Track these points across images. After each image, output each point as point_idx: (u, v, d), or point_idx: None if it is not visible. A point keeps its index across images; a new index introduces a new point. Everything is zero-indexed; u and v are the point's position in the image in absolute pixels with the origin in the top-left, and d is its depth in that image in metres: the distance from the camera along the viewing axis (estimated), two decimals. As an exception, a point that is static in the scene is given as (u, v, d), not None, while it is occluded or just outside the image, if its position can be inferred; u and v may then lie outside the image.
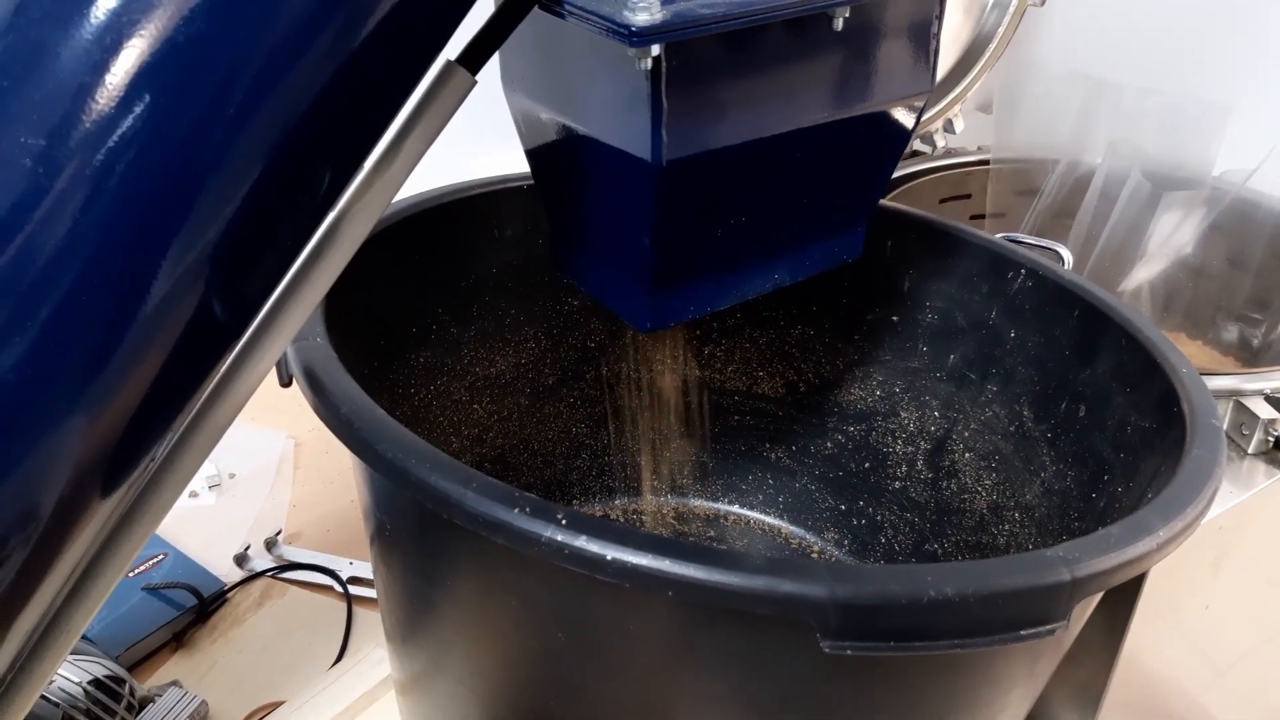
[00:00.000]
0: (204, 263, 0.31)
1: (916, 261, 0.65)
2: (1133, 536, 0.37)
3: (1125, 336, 0.54)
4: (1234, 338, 0.80)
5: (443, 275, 0.64)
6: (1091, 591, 0.36)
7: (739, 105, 0.43)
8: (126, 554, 0.37)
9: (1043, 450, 0.59)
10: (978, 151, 0.96)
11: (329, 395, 0.41)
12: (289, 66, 0.31)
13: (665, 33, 0.37)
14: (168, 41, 0.28)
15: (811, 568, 0.33)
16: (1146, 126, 0.81)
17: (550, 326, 0.70)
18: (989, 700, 0.42)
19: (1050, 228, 0.87)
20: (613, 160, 0.44)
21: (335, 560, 0.75)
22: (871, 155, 0.52)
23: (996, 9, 0.93)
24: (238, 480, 0.84)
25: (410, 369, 0.63)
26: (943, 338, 0.65)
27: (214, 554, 0.75)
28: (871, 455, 0.71)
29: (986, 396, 0.63)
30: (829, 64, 0.45)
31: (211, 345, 0.34)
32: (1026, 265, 0.60)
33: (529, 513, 0.34)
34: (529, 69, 0.48)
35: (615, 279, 0.50)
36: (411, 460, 0.37)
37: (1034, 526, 0.59)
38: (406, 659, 0.53)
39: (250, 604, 0.72)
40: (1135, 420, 0.52)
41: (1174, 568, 0.59)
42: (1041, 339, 0.60)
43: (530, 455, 0.73)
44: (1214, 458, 0.43)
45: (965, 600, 0.33)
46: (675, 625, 0.38)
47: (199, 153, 0.30)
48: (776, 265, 0.52)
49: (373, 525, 0.48)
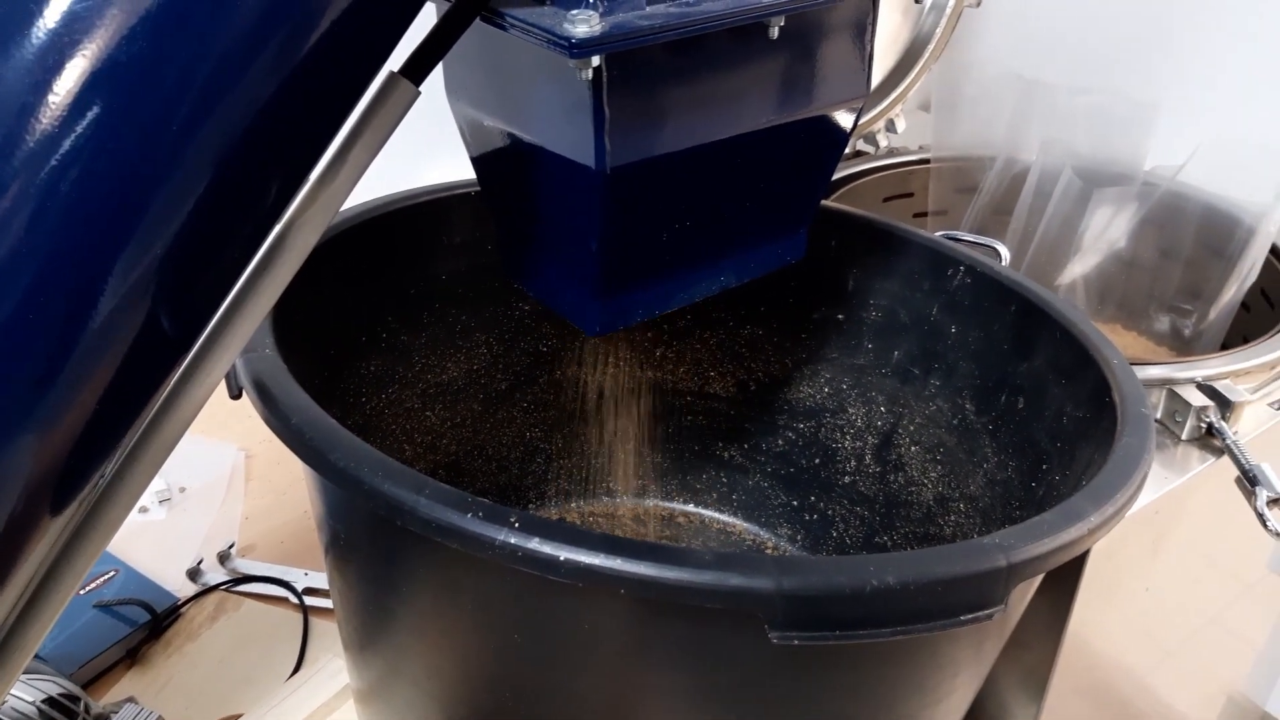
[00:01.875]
0: (151, 277, 0.32)
1: (860, 261, 0.67)
2: (1065, 522, 0.39)
3: (1060, 330, 0.56)
4: (1166, 328, 0.83)
5: (392, 283, 0.64)
6: (1027, 576, 0.37)
7: (680, 112, 0.44)
8: (78, 571, 0.36)
9: (985, 442, 0.61)
10: (919, 151, 0.98)
11: (279, 406, 0.42)
12: (233, 82, 0.31)
13: (605, 44, 0.38)
14: (110, 60, 0.29)
15: (758, 561, 0.34)
16: (1078, 125, 0.83)
17: (502, 332, 0.70)
18: (936, 684, 0.43)
19: (990, 224, 0.89)
20: (558, 168, 0.45)
21: (290, 572, 0.75)
22: (811, 158, 0.53)
23: (934, 10, 0.95)
24: (188, 494, 0.83)
25: (361, 378, 0.63)
26: (887, 335, 0.67)
27: (166, 569, 0.75)
28: (821, 451, 0.72)
29: (930, 391, 0.65)
30: (766, 71, 0.47)
31: (160, 359, 0.34)
32: (965, 262, 0.62)
33: (482, 517, 0.35)
34: (473, 79, 0.49)
35: (563, 284, 0.51)
36: (364, 469, 0.38)
37: (978, 516, 0.61)
38: (365, 667, 0.53)
39: (204, 618, 0.71)
40: (1070, 411, 0.54)
41: (1114, 551, 0.61)
42: (981, 334, 0.61)
43: (484, 461, 0.73)
44: (1143, 445, 0.45)
45: (907, 588, 0.34)
46: (629, 622, 0.39)
47: (144, 169, 0.30)
48: (722, 268, 0.53)
49: (327, 535, 0.49)
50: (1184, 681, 0.85)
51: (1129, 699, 0.78)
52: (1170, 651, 0.79)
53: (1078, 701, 0.70)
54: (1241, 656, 0.94)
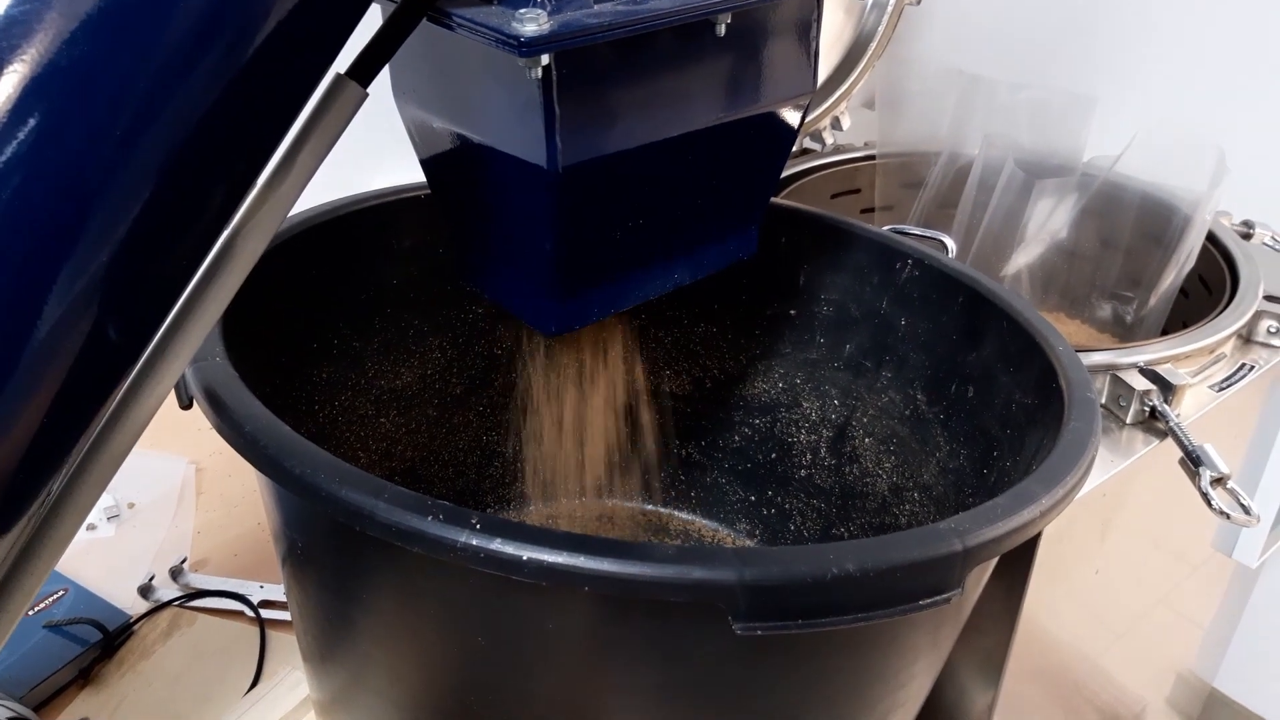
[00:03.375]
0: (96, 287, 0.31)
1: (810, 256, 0.67)
2: (1017, 506, 0.39)
3: (1007, 320, 0.57)
4: (1108, 315, 0.85)
5: (341, 289, 0.63)
6: (983, 559, 0.38)
7: (631, 110, 0.44)
8: (28, 590, 0.36)
9: (937, 431, 0.62)
10: (865, 147, 0.99)
11: (232, 415, 0.41)
12: (177, 87, 0.31)
13: (553, 42, 0.38)
14: (50, 66, 0.28)
15: (720, 554, 0.34)
16: (1019, 119, 0.85)
17: (455, 335, 0.70)
18: (896, 670, 0.44)
19: (936, 218, 0.90)
20: (510, 168, 0.45)
21: (245, 585, 0.74)
22: (761, 155, 0.53)
23: (876, 9, 0.96)
24: (138, 509, 0.81)
25: (313, 386, 0.62)
26: (838, 328, 0.68)
27: (117, 586, 0.73)
28: (777, 446, 0.73)
29: (882, 383, 0.66)
30: (715, 69, 0.47)
31: (108, 370, 0.34)
32: (913, 255, 0.63)
33: (443, 519, 0.35)
34: (421, 80, 0.49)
35: (519, 285, 0.51)
36: (321, 475, 0.37)
37: (933, 504, 0.62)
38: (326, 677, 0.52)
39: (158, 635, 0.70)
40: (1019, 398, 0.55)
41: (1063, 535, 0.63)
42: (930, 325, 0.62)
43: (441, 467, 0.73)
44: (1089, 429, 0.46)
45: (866, 575, 0.35)
46: (593, 619, 0.39)
47: (87, 178, 0.30)
48: (676, 265, 0.54)
49: (284, 545, 0.48)
50: (1134, 661, 0.87)
51: (1082, 681, 0.80)
52: (1120, 633, 0.80)
53: (1033, 684, 0.71)
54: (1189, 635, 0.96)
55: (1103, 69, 1.09)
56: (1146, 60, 1.06)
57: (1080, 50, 1.10)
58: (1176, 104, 1.05)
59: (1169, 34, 1.05)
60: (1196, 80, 1.04)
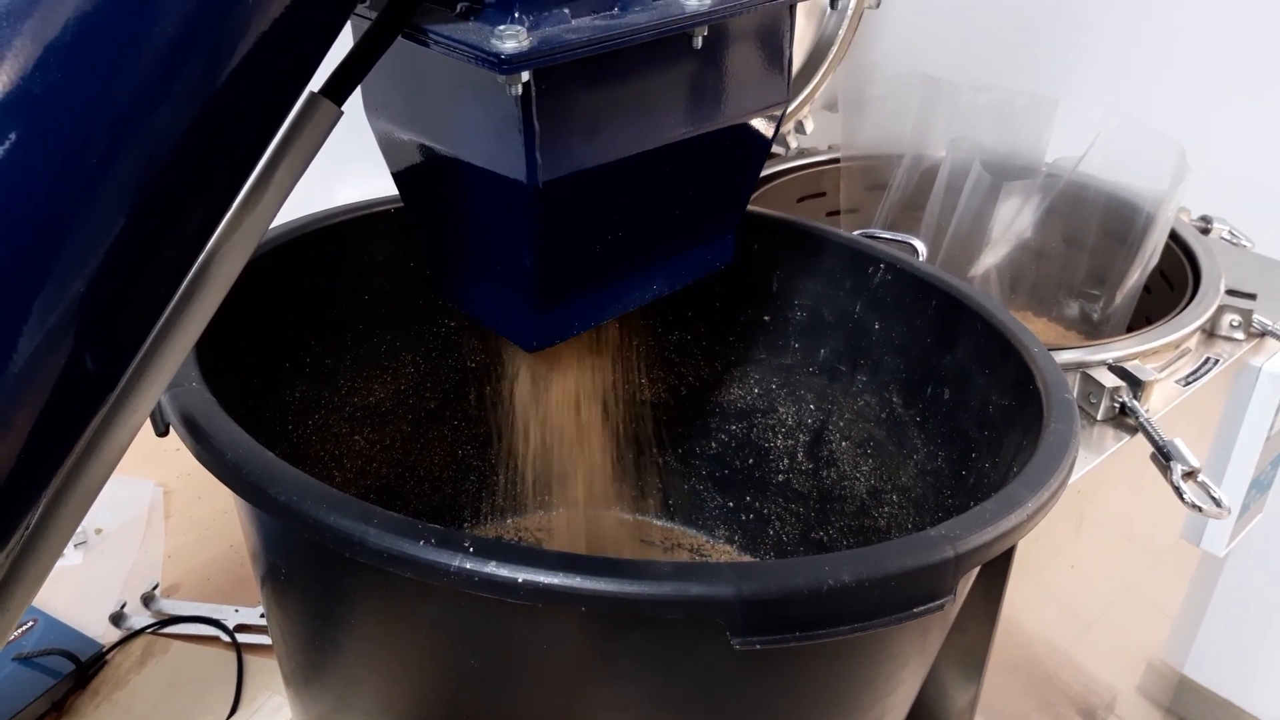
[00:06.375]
0: (71, 315, 0.30)
1: (783, 262, 0.68)
2: (1006, 510, 0.40)
3: (980, 321, 0.57)
4: (1075, 313, 0.86)
5: (312, 306, 0.62)
6: (973, 565, 0.38)
7: (609, 124, 0.44)
8: (4, 625, 0.35)
9: (914, 434, 0.62)
10: (829, 150, 1.00)
11: (212, 442, 0.40)
12: (152, 109, 0.30)
13: (533, 59, 0.38)
14: (21, 92, 0.27)
15: (717, 570, 0.34)
16: (981, 121, 0.86)
17: (428, 350, 0.69)
18: (887, 676, 0.44)
19: (901, 220, 0.91)
20: (488, 184, 0.44)
21: (219, 609, 0.72)
22: (737, 164, 0.53)
23: (836, 13, 0.97)
24: (106, 535, 0.79)
25: (285, 405, 0.61)
26: (812, 333, 0.68)
27: (88, 615, 0.71)
28: (754, 451, 0.73)
29: (857, 387, 0.66)
30: (692, 81, 0.47)
31: (85, 399, 0.33)
32: (885, 260, 0.63)
33: (435, 543, 0.34)
34: (394, 96, 0.48)
35: (497, 301, 0.51)
36: (308, 501, 0.37)
37: (911, 507, 0.62)
38: (311, 702, 0.51)
39: (132, 663, 0.69)
40: (996, 399, 0.55)
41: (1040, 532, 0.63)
42: (904, 328, 0.63)
43: (417, 482, 0.72)
44: (1070, 430, 0.46)
45: (862, 585, 0.35)
46: (588, 639, 0.38)
47: (60, 204, 0.29)
48: (654, 275, 0.54)
49: (263, 568, 0.47)
50: (1105, 651, 0.88)
51: (1055, 672, 0.81)
52: (1091, 624, 0.82)
53: (1009, 678, 0.72)
54: (1158, 624, 0.98)
55: (1061, 70, 1.11)
56: (1106, 60, 1.08)
57: (1040, 52, 1.12)
58: (1136, 103, 1.07)
59: (1127, 34, 1.07)
60: (1155, 79, 1.06)
